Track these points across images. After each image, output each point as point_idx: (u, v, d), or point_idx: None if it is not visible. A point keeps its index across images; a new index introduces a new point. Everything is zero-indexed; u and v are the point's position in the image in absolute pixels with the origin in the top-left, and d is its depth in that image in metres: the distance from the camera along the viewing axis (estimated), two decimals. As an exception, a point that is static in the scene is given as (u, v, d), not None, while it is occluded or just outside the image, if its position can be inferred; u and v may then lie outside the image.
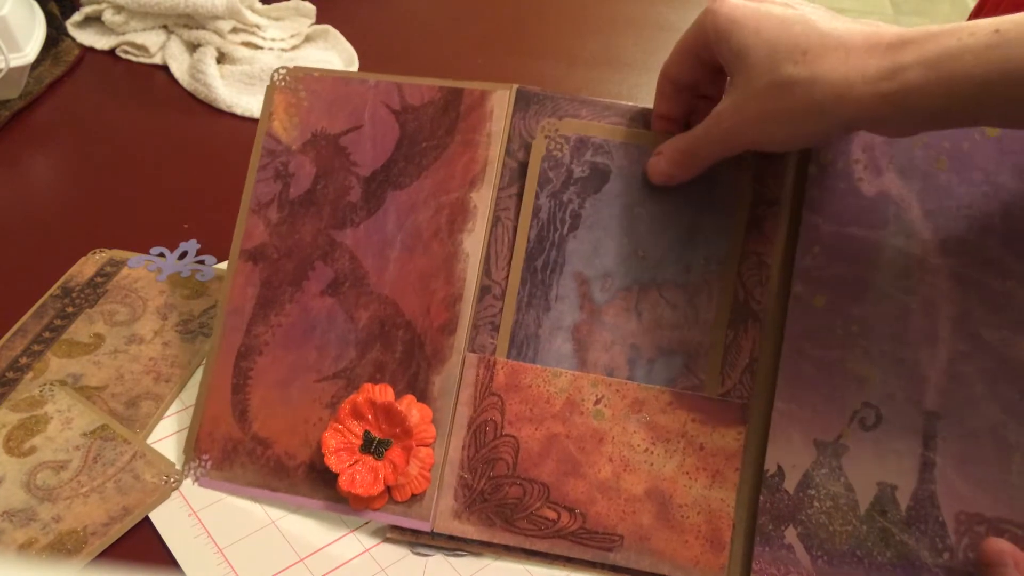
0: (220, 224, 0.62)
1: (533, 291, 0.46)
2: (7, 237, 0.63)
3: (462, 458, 0.44)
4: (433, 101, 0.48)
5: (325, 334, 0.47)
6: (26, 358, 0.52)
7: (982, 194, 0.42)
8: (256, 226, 0.49)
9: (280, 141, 0.49)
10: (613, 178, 0.46)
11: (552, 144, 0.47)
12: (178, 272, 0.60)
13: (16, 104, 0.74)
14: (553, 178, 0.46)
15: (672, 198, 0.46)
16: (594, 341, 0.45)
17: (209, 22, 0.82)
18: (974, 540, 0.39)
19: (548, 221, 0.46)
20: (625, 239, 0.46)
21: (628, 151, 0.46)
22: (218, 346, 0.48)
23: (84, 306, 0.56)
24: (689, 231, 0.46)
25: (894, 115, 0.36)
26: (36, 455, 0.46)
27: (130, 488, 0.45)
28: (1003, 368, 0.40)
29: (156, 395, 0.51)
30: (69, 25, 0.86)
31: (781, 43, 0.37)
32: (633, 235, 0.46)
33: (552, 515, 0.44)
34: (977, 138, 0.43)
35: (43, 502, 0.44)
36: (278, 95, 0.49)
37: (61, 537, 0.43)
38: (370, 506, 0.44)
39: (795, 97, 0.37)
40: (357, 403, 0.44)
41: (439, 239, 0.47)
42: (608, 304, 0.45)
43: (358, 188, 0.48)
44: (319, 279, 0.47)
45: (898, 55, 0.35)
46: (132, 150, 0.73)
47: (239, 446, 0.46)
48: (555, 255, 0.46)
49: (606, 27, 1.00)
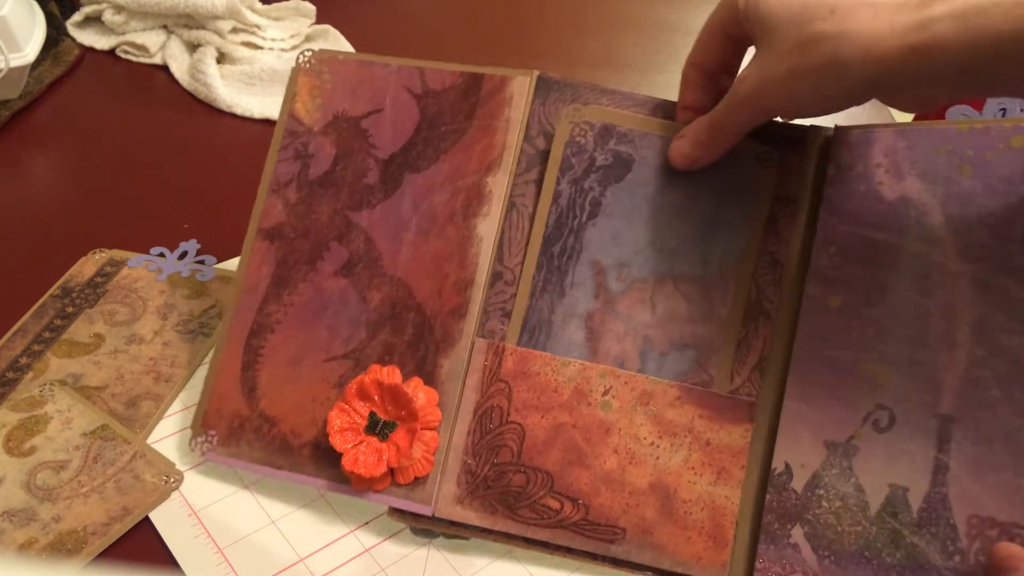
0: (220, 224, 0.63)
1: (549, 276, 0.45)
2: (7, 237, 0.63)
3: (467, 443, 0.44)
4: (454, 86, 0.48)
5: (337, 314, 0.47)
6: (26, 358, 0.52)
7: (1005, 203, 0.41)
8: (274, 205, 0.49)
9: (302, 122, 0.49)
10: (636, 168, 0.46)
11: (576, 130, 0.46)
12: (178, 272, 0.60)
13: (16, 104, 0.75)
14: (575, 164, 0.46)
15: (693, 191, 0.46)
16: (607, 331, 0.45)
17: (209, 22, 0.82)
18: (985, 544, 0.38)
19: (568, 207, 0.46)
20: (644, 230, 0.45)
21: (652, 141, 0.46)
22: (229, 324, 0.48)
23: (84, 306, 0.56)
24: (709, 225, 0.45)
25: (920, 69, 0.35)
26: (36, 455, 0.46)
27: (130, 488, 0.45)
28: (1020, 373, 0.39)
29: (156, 395, 0.51)
30: (69, 25, 0.87)
31: (810, 2, 0.37)
32: (652, 226, 0.45)
33: (555, 505, 0.43)
34: (1001, 147, 0.42)
35: (43, 502, 0.44)
36: (303, 77, 0.50)
37: (61, 537, 0.42)
38: (372, 487, 0.44)
39: (821, 53, 0.37)
40: (364, 384, 0.44)
41: (454, 223, 0.46)
42: (623, 294, 0.45)
43: (376, 170, 0.48)
44: (334, 259, 0.48)
45: (927, 9, 0.35)
46: (132, 150, 0.73)
47: (246, 423, 0.46)
48: (573, 242, 0.46)
49: (606, 27, 1.00)
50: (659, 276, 0.45)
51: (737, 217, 0.45)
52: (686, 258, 0.45)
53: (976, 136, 0.42)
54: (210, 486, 0.46)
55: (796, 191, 0.45)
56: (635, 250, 0.45)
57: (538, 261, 0.45)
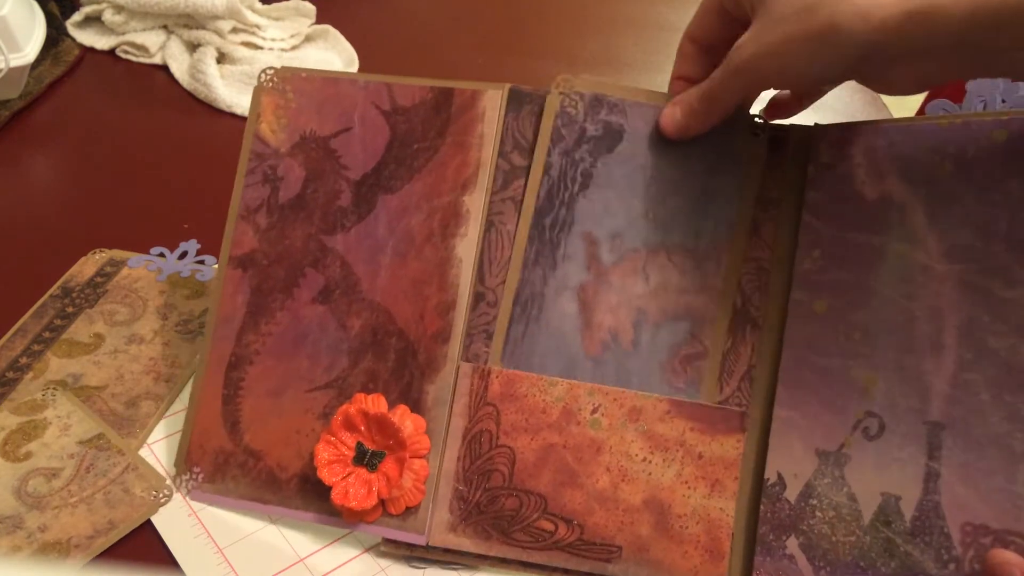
0: (220, 224, 0.62)
1: (540, 249, 0.45)
2: (7, 237, 0.63)
3: (457, 469, 0.44)
4: (424, 102, 0.47)
5: (317, 343, 0.46)
6: (26, 358, 0.52)
7: (988, 200, 0.41)
8: (245, 232, 0.47)
9: (268, 144, 0.48)
10: (627, 138, 0.45)
11: (567, 101, 0.45)
12: (178, 272, 0.59)
13: (16, 104, 0.74)
14: (566, 135, 0.45)
15: (685, 162, 0.45)
16: (600, 302, 0.44)
17: (209, 22, 0.81)
18: (980, 552, 0.38)
19: (559, 179, 0.45)
20: (636, 201, 0.45)
21: (643, 112, 0.45)
22: (208, 356, 0.47)
23: (84, 306, 0.56)
24: (701, 195, 0.45)
25: (917, 38, 0.35)
26: (31, 461, 0.46)
27: (118, 501, 0.44)
28: (1009, 376, 0.39)
29: (156, 395, 0.50)
30: (69, 25, 0.86)
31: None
32: (644, 197, 0.45)
33: (549, 526, 0.43)
34: (983, 142, 0.41)
35: (31, 510, 0.44)
36: (265, 96, 0.48)
37: (45, 547, 0.42)
38: (364, 519, 0.43)
39: (818, 19, 0.36)
40: (349, 414, 0.43)
41: (432, 244, 0.45)
42: (615, 265, 0.45)
43: (348, 192, 0.47)
44: (310, 286, 0.46)
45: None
46: (132, 150, 0.73)
47: (230, 458, 0.45)
48: (564, 214, 0.45)
49: (606, 27, 0.99)
50: (651, 247, 0.45)
51: (730, 187, 0.45)
52: (679, 229, 0.45)
53: (957, 131, 0.42)
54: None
55: (779, 193, 0.45)
56: (627, 221, 0.45)
57: (529, 234, 0.45)
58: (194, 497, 0.45)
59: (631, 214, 0.45)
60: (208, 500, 0.45)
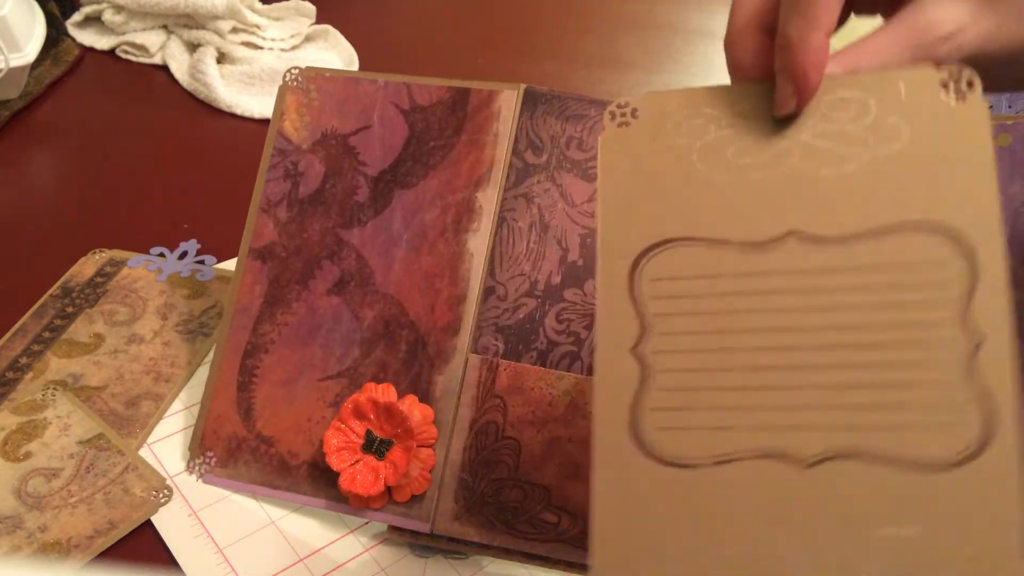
0: (220, 224, 0.63)
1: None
2: (7, 237, 0.63)
3: (463, 460, 0.44)
4: (441, 101, 0.48)
5: (330, 333, 0.47)
6: (26, 358, 0.52)
7: None
8: (265, 225, 0.49)
9: (291, 141, 0.49)
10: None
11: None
12: (178, 272, 0.60)
13: (16, 104, 0.75)
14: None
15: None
16: None
17: (209, 22, 0.82)
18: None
19: None
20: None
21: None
22: (224, 344, 0.48)
23: (84, 306, 0.56)
24: None
25: None
26: (31, 461, 0.46)
27: (118, 502, 0.45)
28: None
29: (156, 395, 0.51)
30: (69, 25, 0.87)
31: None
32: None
33: (553, 519, 0.43)
34: None
35: (32, 510, 0.44)
36: (290, 95, 0.50)
37: (45, 547, 0.42)
38: (370, 506, 0.44)
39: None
40: (359, 402, 0.44)
41: (444, 239, 0.46)
42: None
43: (366, 187, 0.48)
44: (326, 278, 0.48)
45: None
46: (132, 150, 0.73)
47: (243, 444, 0.46)
48: None
49: (606, 27, 0.99)
50: None
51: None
52: None
53: None
54: (211, 486, 0.46)
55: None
56: None
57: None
58: (207, 480, 0.46)
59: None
60: (220, 484, 0.46)
